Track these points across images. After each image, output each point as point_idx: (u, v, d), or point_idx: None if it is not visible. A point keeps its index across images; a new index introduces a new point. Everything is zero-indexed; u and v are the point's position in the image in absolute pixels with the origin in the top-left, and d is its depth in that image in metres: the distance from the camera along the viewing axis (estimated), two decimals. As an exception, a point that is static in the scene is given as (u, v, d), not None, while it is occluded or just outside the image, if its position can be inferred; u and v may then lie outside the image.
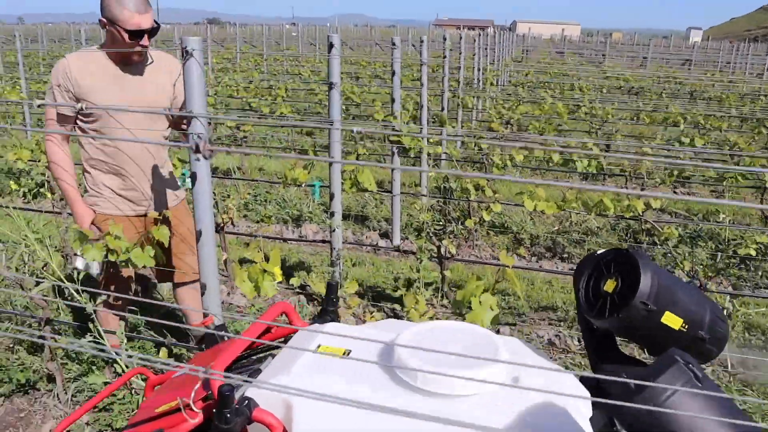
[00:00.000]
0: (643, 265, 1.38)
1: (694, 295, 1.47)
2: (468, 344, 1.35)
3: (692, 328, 1.42)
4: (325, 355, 1.35)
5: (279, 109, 8.91)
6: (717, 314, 1.47)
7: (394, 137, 5.35)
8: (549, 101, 9.23)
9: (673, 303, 1.39)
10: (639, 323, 1.38)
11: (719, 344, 1.48)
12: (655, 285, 1.37)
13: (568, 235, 5.67)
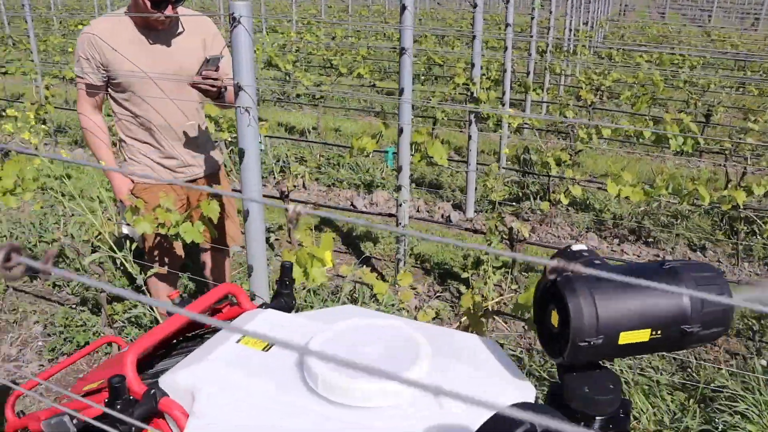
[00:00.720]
0: (571, 299, 1.13)
1: (656, 294, 1.20)
2: (388, 348, 1.21)
3: (668, 329, 1.19)
4: (246, 347, 1.25)
5: (357, 69, 8.71)
6: (706, 293, 1.18)
7: (473, 104, 5.07)
8: (645, 67, 8.58)
9: (627, 320, 1.16)
10: (596, 354, 1.17)
11: (721, 322, 1.22)
12: (592, 317, 1.14)
13: (656, 217, 5.27)
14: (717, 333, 1.24)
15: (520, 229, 3.38)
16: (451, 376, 1.21)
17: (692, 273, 1.21)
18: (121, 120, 2.63)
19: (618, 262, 3.55)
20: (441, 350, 1.28)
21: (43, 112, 5.95)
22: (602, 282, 1.17)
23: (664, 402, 2.86)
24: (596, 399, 1.22)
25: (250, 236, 2.25)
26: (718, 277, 1.23)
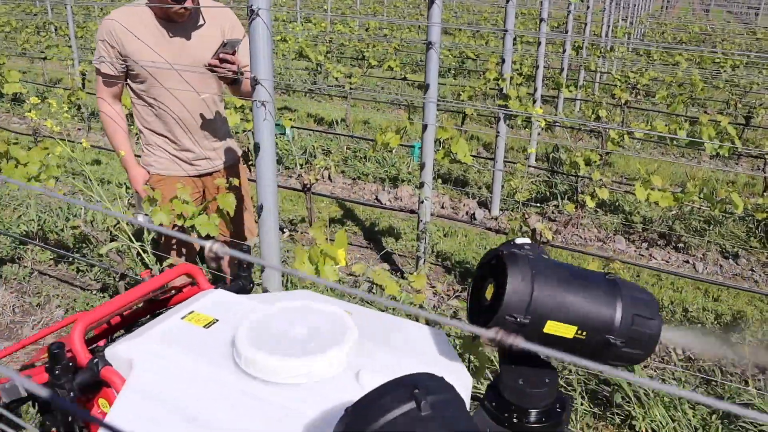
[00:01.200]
0: (512, 272, 1.14)
1: (599, 295, 1.22)
2: (314, 330, 1.24)
3: (594, 333, 1.20)
4: (189, 323, 1.31)
5: (387, 61, 8.65)
6: (638, 312, 1.21)
7: (501, 101, 4.99)
8: (684, 66, 8.34)
9: (558, 310, 1.17)
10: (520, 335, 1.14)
11: (644, 345, 1.23)
12: (526, 294, 1.14)
13: (687, 222, 5.12)
14: (638, 355, 1.25)
15: (544, 231, 3.30)
16: (377, 360, 1.23)
17: (631, 291, 1.24)
18: (138, 111, 2.63)
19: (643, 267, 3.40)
20: (376, 336, 1.32)
21: (75, 98, 6.03)
22: (546, 269, 1.19)
23: (685, 416, 2.77)
24: (529, 392, 1.26)
25: (264, 233, 2.23)
26: (653, 303, 1.25)
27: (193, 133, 2.66)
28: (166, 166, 2.69)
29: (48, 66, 10.31)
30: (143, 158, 2.72)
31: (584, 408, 2.86)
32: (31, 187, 1.05)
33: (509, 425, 1.26)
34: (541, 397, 1.27)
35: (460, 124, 7.24)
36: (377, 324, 1.41)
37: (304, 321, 1.27)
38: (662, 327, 1.22)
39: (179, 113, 2.59)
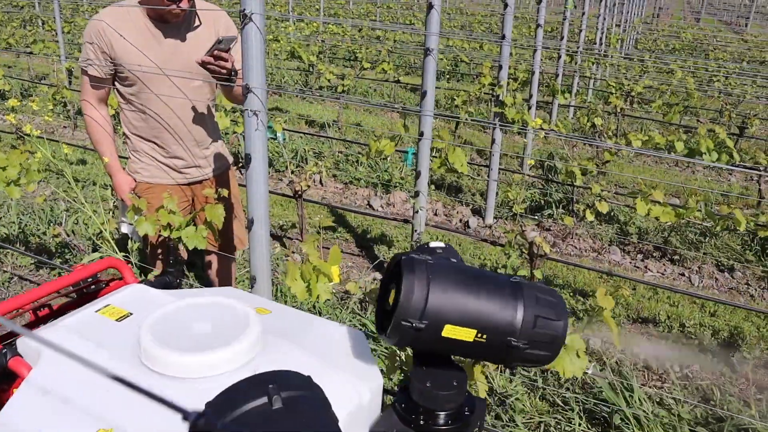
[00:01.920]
0: (407, 277, 1.14)
1: (499, 298, 1.20)
2: (217, 326, 1.25)
3: (495, 336, 1.19)
4: (102, 316, 1.32)
5: (381, 64, 8.56)
6: (541, 314, 1.20)
7: (497, 108, 4.90)
8: (678, 75, 8.31)
9: (455, 314, 1.17)
10: (418, 341, 1.19)
11: (548, 347, 1.22)
12: (421, 299, 1.14)
13: (683, 234, 5.06)
14: (543, 357, 1.23)
15: (541, 245, 3.22)
16: (281, 356, 1.25)
17: (535, 292, 1.22)
18: (126, 115, 2.50)
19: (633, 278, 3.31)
20: (288, 334, 1.34)
21: (60, 96, 5.89)
22: (445, 273, 1.19)
23: (685, 439, 2.69)
24: (436, 394, 1.25)
25: (254, 246, 2.12)
26: (559, 305, 1.24)
27: (183, 139, 2.54)
28: (154, 173, 2.57)
29: (34, 61, 10.12)
30: (129, 165, 2.59)
31: (582, 428, 2.78)
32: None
33: (416, 427, 1.26)
34: (448, 400, 1.26)
35: (454, 128, 7.16)
36: (295, 323, 1.43)
37: (208, 317, 1.28)
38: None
39: (169, 119, 2.47)
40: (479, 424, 1.36)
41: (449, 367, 1.30)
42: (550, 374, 3.13)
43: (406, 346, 1.25)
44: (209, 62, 2.26)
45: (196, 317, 1.28)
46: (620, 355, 3.37)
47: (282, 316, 1.44)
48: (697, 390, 3.18)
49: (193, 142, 2.56)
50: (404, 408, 1.29)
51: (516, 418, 2.79)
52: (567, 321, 1.25)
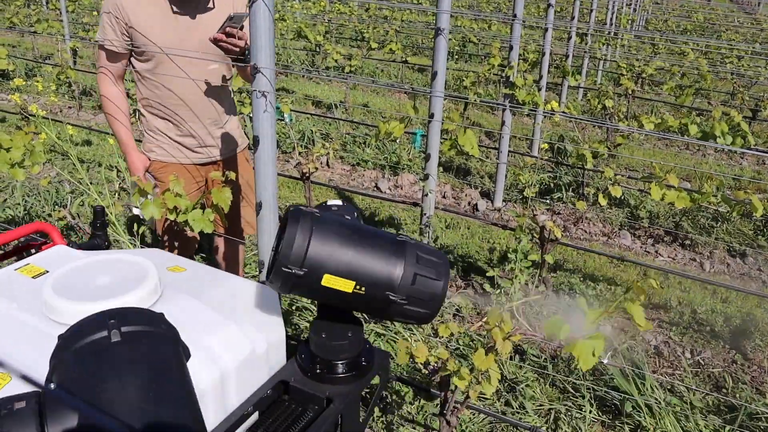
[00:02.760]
0: (290, 227, 1.27)
1: (381, 254, 1.31)
2: (117, 279, 1.33)
3: (374, 289, 1.30)
4: (20, 274, 1.40)
5: (389, 44, 8.45)
6: (421, 273, 1.32)
7: (507, 90, 4.82)
8: (691, 56, 8.17)
9: (334, 265, 1.26)
10: (300, 288, 1.29)
11: (427, 305, 1.34)
12: (302, 248, 1.25)
13: (694, 218, 5.00)
14: (422, 314, 1.35)
15: (553, 229, 3.17)
16: (179, 306, 1.34)
17: (418, 251, 1.33)
18: (141, 92, 2.47)
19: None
20: (193, 289, 1.44)
21: (65, 76, 5.83)
22: (327, 227, 1.29)
23: (697, 427, 2.66)
24: (331, 344, 1.38)
25: (262, 230, 2.08)
26: (441, 265, 1.34)
27: (198, 117, 2.50)
28: (169, 152, 2.53)
29: (38, 40, 10.04)
30: (144, 144, 2.56)
31: (592, 415, 2.75)
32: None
33: (313, 376, 1.39)
34: (342, 350, 1.39)
35: (463, 110, 7.08)
36: (205, 280, 1.52)
37: (111, 272, 1.35)
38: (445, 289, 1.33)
39: (183, 96, 2.43)
40: (383, 376, 1.57)
41: (347, 320, 1.41)
42: (560, 361, 3.10)
43: (289, 293, 1.35)
44: (221, 39, 2.22)
45: (100, 272, 1.36)
46: (631, 342, 3.33)
47: (194, 274, 1.53)
48: (708, 378, 3.15)
49: (208, 121, 2.52)
50: (303, 358, 1.42)
51: (526, 405, 2.76)
52: (447, 281, 1.36)
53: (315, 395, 1.37)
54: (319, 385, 1.40)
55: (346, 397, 1.38)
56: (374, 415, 2.60)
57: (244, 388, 1.36)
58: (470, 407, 2.50)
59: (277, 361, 1.46)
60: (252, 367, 1.39)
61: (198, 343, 1.27)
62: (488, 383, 1.88)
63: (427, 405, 2.67)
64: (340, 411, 1.36)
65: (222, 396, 1.31)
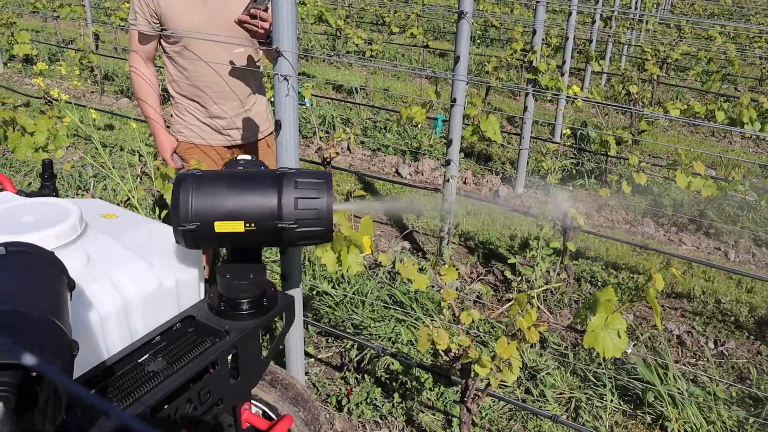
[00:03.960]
0: (175, 190, 1.46)
1: (258, 191, 1.47)
2: (42, 218, 1.47)
3: (263, 222, 1.47)
4: None
5: (410, 28, 8.37)
6: (301, 196, 1.47)
7: (530, 75, 4.76)
8: (718, 41, 8.00)
9: (220, 212, 1.45)
10: (201, 240, 1.48)
11: (318, 222, 1.48)
12: (187, 205, 1.44)
13: (719, 206, 4.91)
14: (317, 232, 1.51)
15: (576, 217, 3.13)
16: (88, 243, 1.51)
17: (295, 178, 1.49)
18: (171, 74, 2.50)
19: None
20: (116, 232, 1.62)
21: (87, 61, 5.86)
22: (207, 181, 1.47)
23: (720, 419, 2.63)
24: (233, 284, 1.55)
25: (284, 216, 2.08)
26: (321, 184, 1.49)
27: (226, 100, 2.51)
28: (196, 133, 2.56)
29: (61, 25, 10.11)
30: (173, 125, 2.59)
31: (614, 405, 2.73)
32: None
33: (217, 313, 1.58)
34: (244, 290, 1.55)
35: (484, 95, 7.01)
36: (130, 224, 1.72)
37: (39, 212, 1.51)
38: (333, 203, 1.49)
39: (211, 78, 2.44)
40: (289, 318, 1.73)
41: (253, 262, 1.59)
42: (581, 350, 3.07)
43: (196, 247, 1.53)
44: (246, 21, 2.22)
45: (29, 212, 1.51)
46: (654, 331, 3.29)
47: (123, 221, 1.73)
48: (732, 369, 3.11)
49: (236, 104, 2.54)
50: (211, 297, 1.60)
51: (546, 393, 2.74)
52: (330, 198, 1.50)
53: (215, 328, 1.56)
54: (221, 320, 1.58)
55: (243, 331, 1.56)
56: (394, 401, 2.61)
57: (150, 319, 1.55)
58: (491, 395, 2.50)
59: (189, 299, 1.63)
60: (159, 300, 1.56)
61: (105, 275, 1.47)
62: (510, 371, 1.86)
63: (447, 392, 2.67)
64: (235, 342, 1.54)
65: (127, 322, 1.50)
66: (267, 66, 2.85)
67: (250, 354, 1.63)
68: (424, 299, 3.21)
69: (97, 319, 1.42)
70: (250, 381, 1.70)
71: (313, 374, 2.80)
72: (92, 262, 1.49)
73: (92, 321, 1.41)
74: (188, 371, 1.43)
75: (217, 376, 1.53)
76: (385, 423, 2.54)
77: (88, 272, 1.46)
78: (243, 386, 1.66)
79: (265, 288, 1.63)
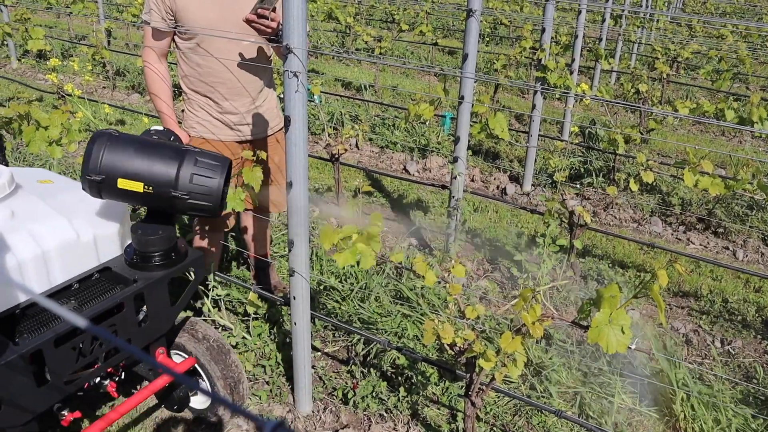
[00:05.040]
0: (90, 143, 1.70)
1: (162, 160, 1.72)
2: None
3: (159, 188, 1.72)
4: None
5: (419, 26, 8.38)
6: (198, 173, 1.73)
7: (539, 73, 4.77)
8: (729, 39, 7.95)
9: (125, 170, 1.69)
10: (104, 191, 1.72)
11: (208, 198, 1.76)
12: (98, 159, 1.67)
13: (728, 206, 4.90)
14: (206, 206, 1.77)
15: (582, 214, 3.14)
16: (18, 202, 1.77)
17: (196, 156, 1.76)
18: (183, 70, 2.54)
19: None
20: (40, 192, 1.88)
21: (99, 57, 5.91)
22: (121, 142, 1.71)
23: (726, 417, 2.63)
24: (144, 239, 1.79)
25: (292, 211, 2.10)
26: (218, 166, 1.78)
27: (238, 96, 2.55)
28: (208, 129, 2.61)
29: (74, 21, 10.18)
30: (185, 121, 2.64)
31: (619, 402, 2.74)
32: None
33: (130, 264, 1.84)
34: (152, 244, 1.80)
35: (493, 93, 7.01)
36: (62, 189, 1.97)
37: None
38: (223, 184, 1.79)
39: (224, 75, 2.49)
40: (198, 273, 2.01)
41: (164, 222, 1.83)
42: (587, 346, 3.08)
43: (99, 197, 1.77)
44: (253, 20, 2.25)
45: None
46: (660, 329, 3.30)
47: (56, 186, 1.98)
48: (738, 368, 3.11)
49: (247, 100, 2.58)
50: (127, 252, 1.88)
51: (551, 389, 2.76)
52: (222, 179, 1.78)
53: (126, 277, 1.83)
54: (133, 271, 1.84)
55: (149, 280, 1.82)
56: (400, 395, 2.63)
57: (69, 268, 1.79)
58: (495, 389, 2.51)
59: (109, 252, 1.91)
60: (77, 252, 1.80)
61: (25, 227, 1.72)
62: (514, 366, 1.88)
63: (452, 386, 2.69)
64: (142, 289, 1.80)
65: (45, 270, 1.73)
66: (277, 63, 2.89)
67: (158, 301, 1.88)
68: (430, 295, 3.23)
69: (15, 265, 1.64)
70: (160, 326, 1.95)
71: (319, 367, 2.82)
72: (16, 217, 1.74)
73: (10, 267, 1.63)
74: (94, 311, 1.69)
75: (123, 318, 1.78)
76: (391, 417, 2.56)
77: (10, 225, 1.70)
78: (151, 329, 1.92)
79: (175, 245, 1.88)
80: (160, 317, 1.92)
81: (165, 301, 1.91)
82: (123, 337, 1.79)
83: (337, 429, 2.49)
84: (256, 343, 2.85)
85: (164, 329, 1.99)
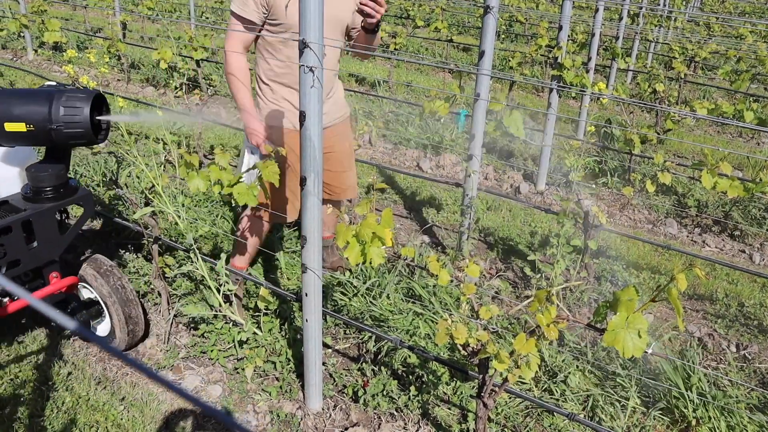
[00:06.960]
0: None
1: (35, 101, 2.07)
2: None
3: (38, 125, 2.07)
4: None
5: (435, 22, 8.33)
6: (67, 106, 2.07)
7: (555, 71, 4.72)
8: (749, 39, 7.84)
9: (7, 115, 2.06)
10: None
11: (80, 126, 2.10)
12: None
13: (745, 208, 4.83)
14: (80, 133, 2.12)
15: (598, 215, 3.10)
16: None
17: (66, 94, 2.10)
18: (268, 63, 2.60)
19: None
20: None
21: (114, 49, 5.92)
22: (5, 94, 2.11)
23: (741, 423, 2.59)
24: (35, 175, 2.17)
25: (306, 207, 2.09)
26: (83, 98, 2.11)
27: (323, 87, 2.62)
28: (290, 119, 2.67)
29: (90, 14, 10.22)
30: (268, 112, 2.69)
31: (632, 405, 2.71)
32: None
33: (25, 198, 2.21)
34: (42, 179, 2.17)
35: (508, 91, 6.96)
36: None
37: None
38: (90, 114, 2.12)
39: None
40: (87, 209, 2.34)
41: (56, 161, 2.20)
42: (600, 349, 3.05)
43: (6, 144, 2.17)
44: (367, 4, 2.33)
45: None
46: (674, 332, 3.26)
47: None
48: (754, 373, 3.06)
49: (327, 89, 2.69)
50: (23, 188, 2.24)
51: (565, 392, 2.73)
52: (88, 110, 2.09)
53: (18, 207, 2.18)
54: (26, 203, 2.19)
55: (37, 209, 2.16)
56: (410, 394, 2.61)
57: None
58: (508, 391, 2.49)
59: (10, 190, 2.31)
60: None
61: None
62: (528, 368, 1.86)
63: (464, 386, 2.67)
64: (29, 216, 2.15)
65: None
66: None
67: (46, 229, 2.21)
68: (443, 293, 3.21)
69: None
70: (49, 251, 2.27)
71: (330, 365, 2.81)
72: None
73: None
74: None
75: (12, 239, 2.10)
76: (401, 415, 2.55)
77: None
78: (40, 253, 2.25)
79: (66, 183, 2.22)
80: (49, 244, 2.25)
81: (54, 230, 2.25)
82: (12, 257, 2.13)
83: (347, 427, 2.48)
84: (266, 338, 2.84)
85: (54, 255, 2.30)
